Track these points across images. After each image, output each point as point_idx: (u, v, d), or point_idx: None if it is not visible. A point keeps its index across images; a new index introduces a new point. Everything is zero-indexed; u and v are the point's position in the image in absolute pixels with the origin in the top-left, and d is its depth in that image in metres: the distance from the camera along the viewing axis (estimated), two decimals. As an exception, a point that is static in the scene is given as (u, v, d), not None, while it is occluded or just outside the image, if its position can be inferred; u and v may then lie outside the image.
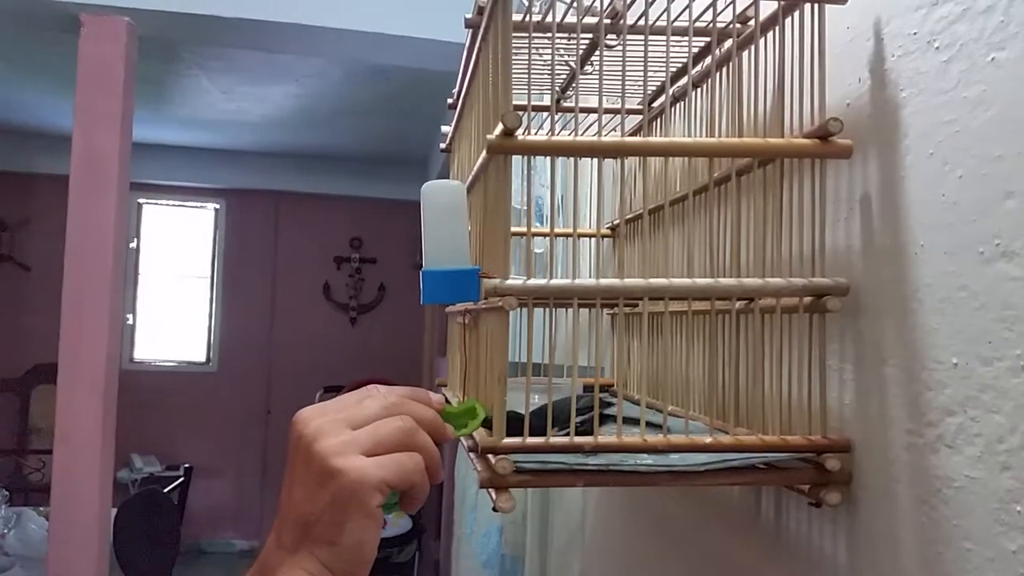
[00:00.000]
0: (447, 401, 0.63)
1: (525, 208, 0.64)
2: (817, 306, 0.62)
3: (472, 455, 0.65)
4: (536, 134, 0.63)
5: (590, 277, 0.63)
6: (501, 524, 1.84)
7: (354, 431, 0.53)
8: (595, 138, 0.62)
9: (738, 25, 0.69)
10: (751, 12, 0.69)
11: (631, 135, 0.95)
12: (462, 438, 0.78)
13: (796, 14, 0.64)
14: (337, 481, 0.51)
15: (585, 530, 1.43)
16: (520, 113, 0.60)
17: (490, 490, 0.60)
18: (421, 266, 0.64)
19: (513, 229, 0.64)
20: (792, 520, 0.70)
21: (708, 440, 0.61)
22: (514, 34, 0.65)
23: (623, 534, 1.22)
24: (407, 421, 0.55)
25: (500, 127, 0.59)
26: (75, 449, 2.51)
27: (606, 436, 0.61)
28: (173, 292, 5.97)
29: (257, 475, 5.93)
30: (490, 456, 0.60)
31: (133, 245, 5.78)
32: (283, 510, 0.54)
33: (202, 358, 5.97)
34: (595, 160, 0.64)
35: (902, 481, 0.57)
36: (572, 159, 0.66)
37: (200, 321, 5.99)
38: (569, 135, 0.63)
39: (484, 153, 0.65)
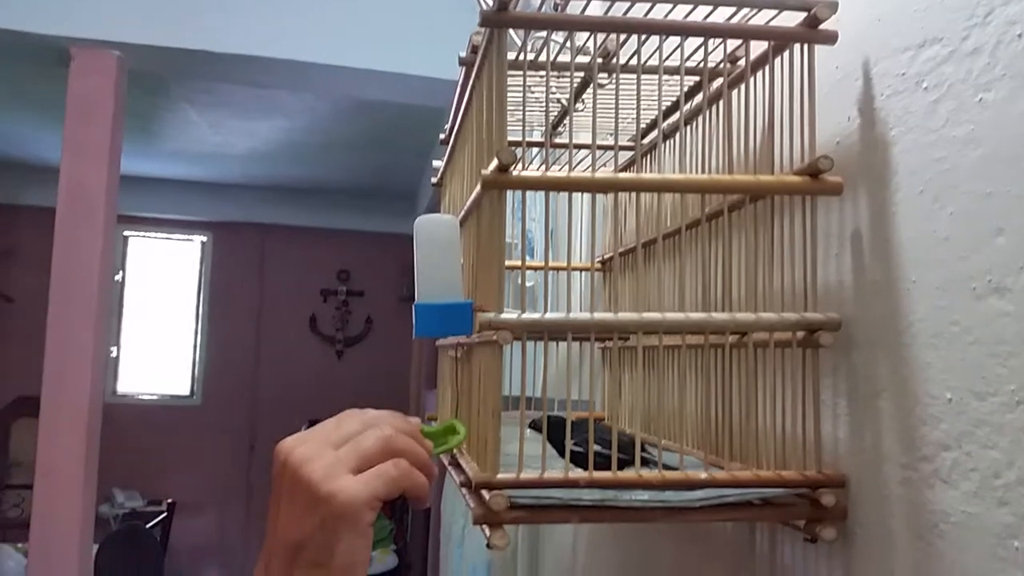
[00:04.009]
0: (425, 421, 0.63)
1: (517, 242, 0.64)
2: (810, 341, 0.62)
3: (464, 490, 0.65)
4: (529, 168, 0.64)
5: (582, 311, 0.63)
6: (489, 560, 1.82)
7: (337, 451, 0.53)
8: (588, 174, 0.63)
9: (728, 65, 0.71)
10: (741, 52, 0.71)
11: (623, 169, 0.96)
12: (452, 472, 0.77)
13: (786, 54, 0.65)
14: (328, 505, 0.51)
15: (577, 565, 1.42)
16: (514, 149, 0.61)
17: (484, 526, 0.60)
18: (408, 299, 0.64)
19: (506, 263, 0.65)
20: (788, 556, 0.70)
21: (703, 476, 0.61)
22: (508, 72, 0.65)
23: (615, 570, 1.20)
24: (385, 428, 0.55)
25: (495, 163, 0.60)
26: (56, 484, 2.47)
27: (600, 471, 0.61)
28: (158, 325, 5.93)
29: (241, 510, 5.84)
30: (484, 492, 0.60)
31: (118, 278, 5.74)
32: (270, 538, 0.54)
33: (186, 391, 5.91)
34: (588, 195, 0.64)
35: (898, 516, 0.56)
36: (565, 193, 0.66)
37: (184, 354, 5.94)
38: (562, 170, 0.64)
39: (478, 188, 0.65)
